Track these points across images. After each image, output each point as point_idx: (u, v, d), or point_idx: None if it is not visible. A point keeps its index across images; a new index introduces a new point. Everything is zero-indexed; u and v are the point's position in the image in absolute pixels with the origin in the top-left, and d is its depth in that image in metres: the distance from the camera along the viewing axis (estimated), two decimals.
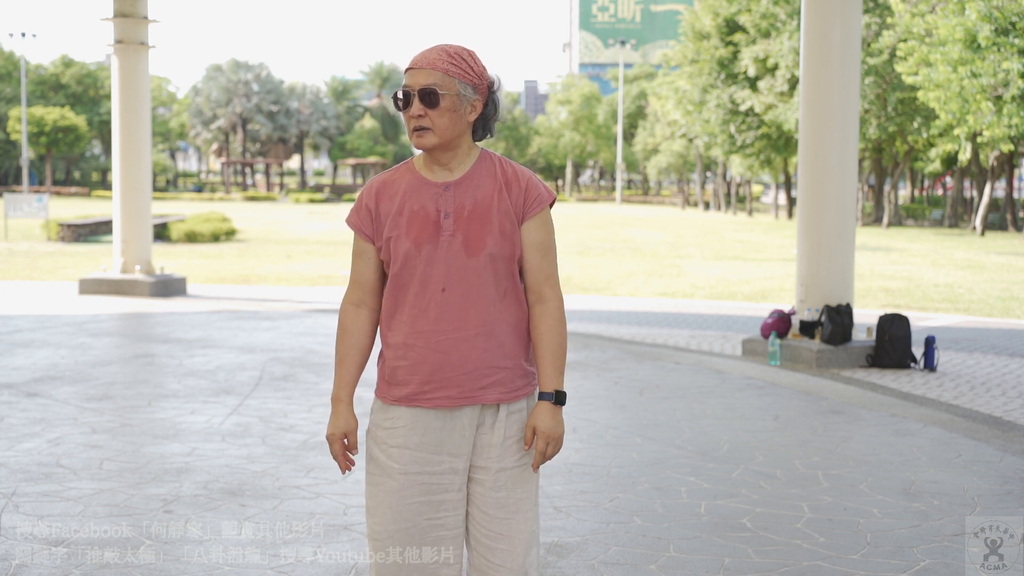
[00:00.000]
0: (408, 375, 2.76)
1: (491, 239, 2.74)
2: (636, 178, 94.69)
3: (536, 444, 2.77)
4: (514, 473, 2.81)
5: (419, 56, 2.74)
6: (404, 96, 2.73)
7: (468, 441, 2.79)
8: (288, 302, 14.10)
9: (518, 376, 2.80)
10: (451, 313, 2.73)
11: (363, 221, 2.81)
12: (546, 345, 2.79)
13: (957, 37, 27.69)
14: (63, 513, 4.88)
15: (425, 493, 2.77)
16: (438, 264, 2.73)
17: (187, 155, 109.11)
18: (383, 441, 2.80)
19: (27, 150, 60.11)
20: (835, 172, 9.56)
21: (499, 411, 2.80)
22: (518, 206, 2.79)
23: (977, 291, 17.00)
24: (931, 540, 4.71)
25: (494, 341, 2.76)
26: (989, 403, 7.93)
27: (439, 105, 2.70)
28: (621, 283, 17.87)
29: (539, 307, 2.82)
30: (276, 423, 6.78)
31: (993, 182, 39.11)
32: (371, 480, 2.83)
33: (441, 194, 2.77)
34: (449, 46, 2.75)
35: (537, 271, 2.81)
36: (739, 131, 43.52)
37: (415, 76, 2.72)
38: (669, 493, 5.35)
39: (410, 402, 2.77)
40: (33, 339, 10.21)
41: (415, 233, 2.74)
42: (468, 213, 2.75)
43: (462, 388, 2.75)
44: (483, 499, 2.80)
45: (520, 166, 2.85)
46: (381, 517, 2.78)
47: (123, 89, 14.09)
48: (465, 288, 2.74)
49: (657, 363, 9.36)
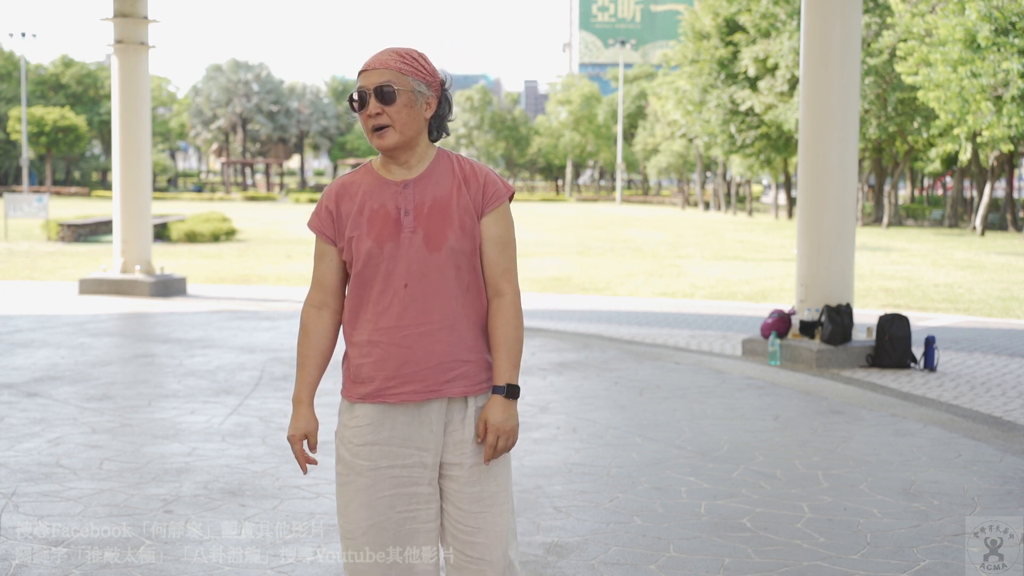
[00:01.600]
0: (373, 372, 2.78)
1: (452, 234, 2.77)
2: (636, 178, 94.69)
3: (487, 438, 2.79)
4: (487, 466, 2.83)
5: (370, 59, 2.79)
6: (360, 97, 2.77)
7: (437, 436, 2.81)
8: (288, 302, 14.10)
9: (482, 369, 2.83)
10: (414, 309, 2.76)
11: (324, 223, 2.85)
12: (501, 339, 2.81)
13: (957, 37, 27.69)
14: (63, 513, 4.88)
15: (396, 486, 2.79)
16: (400, 261, 2.76)
17: (187, 155, 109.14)
18: (350, 440, 2.82)
19: (27, 150, 60.13)
20: (835, 172, 9.56)
21: (467, 406, 2.82)
22: (477, 201, 2.82)
23: (977, 291, 17.00)
24: (931, 540, 4.71)
25: (457, 335, 2.79)
26: (989, 403, 7.93)
27: (396, 101, 2.74)
28: (621, 283, 17.87)
29: (496, 301, 2.84)
30: (276, 423, 6.78)
31: (993, 182, 39.11)
32: (340, 480, 2.85)
33: (400, 192, 2.80)
34: (398, 47, 2.80)
35: (495, 265, 2.84)
36: (739, 131, 43.53)
37: (368, 77, 2.76)
38: (669, 493, 5.35)
39: (375, 398, 2.79)
40: (33, 339, 10.22)
41: (376, 231, 2.77)
42: (428, 209, 2.78)
43: (427, 382, 2.77)
44: (458, 495, 2.81)
45: (477, 162, 2.88)
46: (354, 515, 2.80)
47: (123, 89, 14.09)
48: (427, 284, 2.77)
49: (657, 363, 9.36)
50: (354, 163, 77.24)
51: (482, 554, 2.81)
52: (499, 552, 2.83)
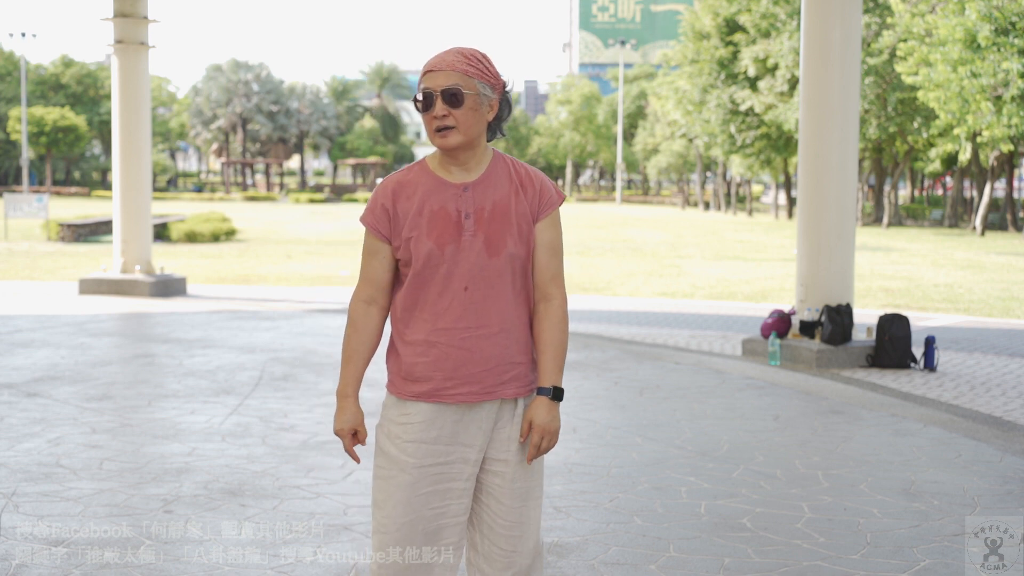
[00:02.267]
0: (430, 371, 2.82)
1: (511, 240, 2.82)
2: (636, 178, 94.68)
3: (531, 438, 2.85)
4: (531, 463, 2.91)
5: (436, 59, 2.80)
6: (426, 97, 2.77)
7: (484, 434, 2.86)
8: (288, 302, 14.10)
9: (532, 370, 2.91)
10: (473, 311, 2.81)
11: (379, 220, 2.85)
12: (548, 341, 2.87)
13: (957, 37, 27.68)
14: (63, 513, 4.88)
15: (434, 483, 2.84)
16: (461, 264, 2.80)
17: (187, 155, 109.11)
18: (397, 436, 2.85)
19: (27, 150, 60.12)
20: (835, 172, 9.56)
21: (517, 405, 2.89)
22: (533, 207, 2.87)
23: (977, 291, 17.00)
24: (931, 540, 4.71)
25: (512, 338, 2.85)
26: (989, 403, 7.93)
27: (463, 104, 2.76)
28: (621, 283, 17.87)
29: (544, 305, 2.90)
30: (276, 423, 6.78)
31: (993, 182, 39.10)
32: (381, 474, 2.88)
33: (461, 195, 2.83)
34: (464, 48, 2.82)
35: (545, 269, 2.89)
36: (739, 131, 43.52)
37: (435, 78, 2.77)
38: (669, 493, 5.35)
39: (430, 398, 2.83)
40: (33, 339, 10.22)
41: (437, 233, 2.80)
42: (488, 214, 2.82)
43: (483, 384, 2.82)
44: (501, 490, 2.88)
45: (531, 167, 2.93)
46: (391, 510, 2.83)
47: (123, 89, 14.09)
48: (487, 287, 2.81)
49: (657, 363, 9.36)
50: (354, 163, 77.22)
51: (515, 546, 2.90)
52: (531, 544, 2.92)
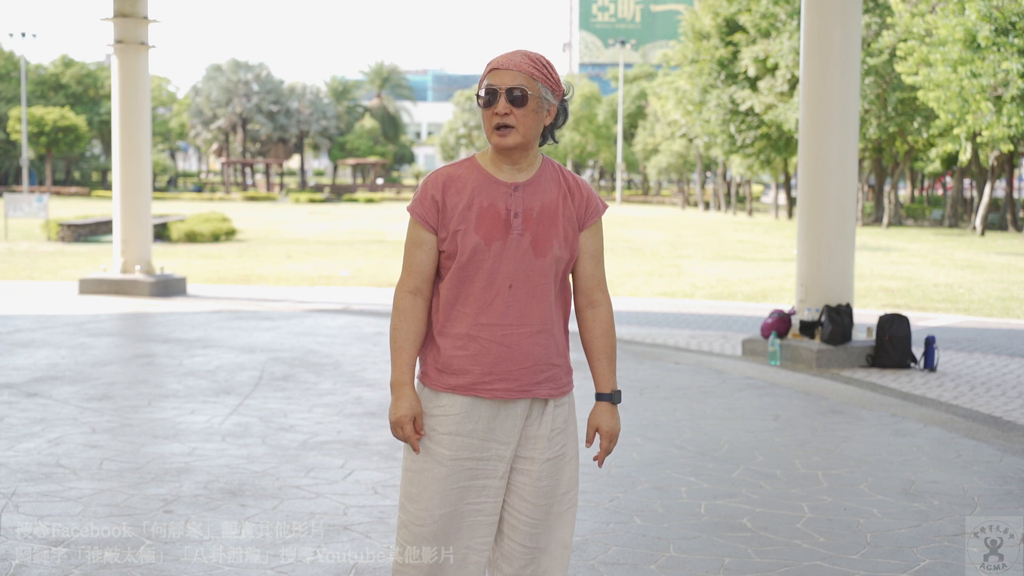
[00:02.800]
0: (468, 365, 2.84)
1: (557, 242, 2.87)
2: (636, 178, 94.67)
3: (600, 443, 2.95)
4: (557, 462, 2.94)
5: (503, 58, 2.85)
6: (489, 93, 2.82)
7: (518, 431, 2.90)
8: (288, 302, 14.11)
9: (565, 373, 2.95)
10: (516, 309, 2.85)
11: (428, 211, 2.87)
12: (602, 348, 2.97)
13: (957, 37, 27.68)
14: (63, 513, 4.88)
15: (470, 478, 2.86)
16: (506, 261, 2.83)
17: (187, 155, 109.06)
18: (432, 428, 2.87)
19: (27, 150, 60.09)
20: (835, 172, 9.56)
21: (547, 405, 2.92)
22: (580, 214, 2.93)
23: (977, 291, 17.00)
24: (931, 540, 4.71)
25: (551, 339, 2.90)
26: (989, 403, 7.93)
27: (526, 105, 2.81)
28: (621, 283, 17.88)
29: (591, 311, 2.99)
30: (276, 423, 6.78)
31: (993, 182, 39.10)
32: (414, 467, 2.89)
33: (511, 194, 2.87)
34: (530, 51, 2.87)
35: (591, 276, 2.97)
36: (739, 131, 43.50)
37: (501, 76, 2.82)
38: (669, 493, 5.35)
39: (467, 391, 2.85)
40: (33, 339, 10.21)
41: (485, 229, 2.83)
42: (536, 215, 2.86)
43: (520, 381, 2.86)
44: (526, 488, 2.91)
45: (578, 175, 2.99)
46: (426, 503, 2.85)
47: (123, 89, 14.09)
48: (530, 287, 2.85)
49: (657, 363, 9.36)
50: (354, 163, 77.17)
51: (538, 543, 2.92)
52: (557, 543, 2.95)
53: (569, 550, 2.99)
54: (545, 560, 2.93)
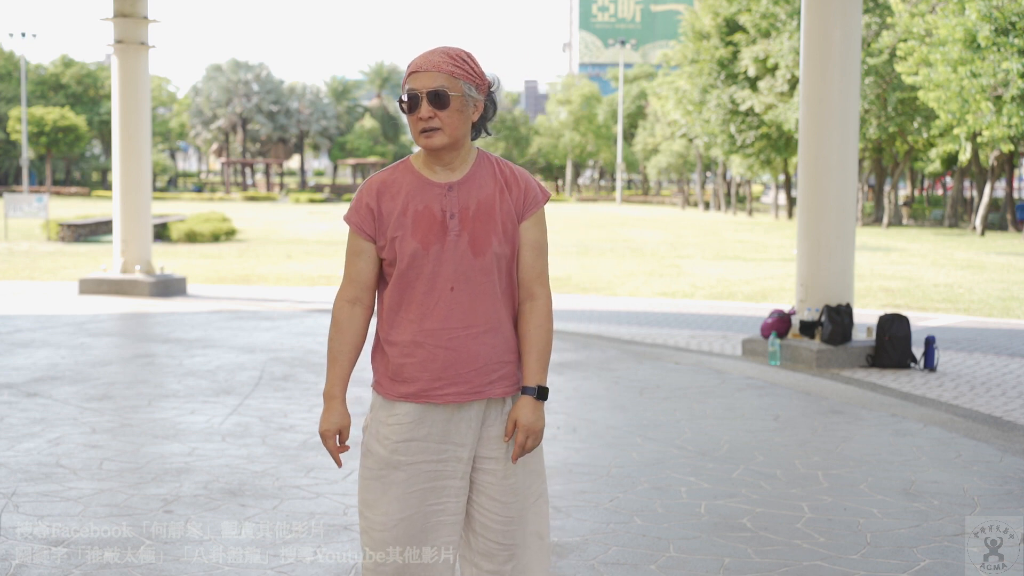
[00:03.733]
0: (417, 372, 2.81)
1: (496, 239, 2.81)
2: (636, 178, 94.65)
3: (516, 437, 2.85)
4: (523, 459, 2.90)
5: (421, 59, 2.79)
6: (411, 99, 2.77)
7: (474, 432, 2.86)
8: (288, 302, 14.10)
9: (519, 369, 2.90)
10: (460, 311, 2.80)
11: (363, 220, 2.84)
12: (533, 341, 2.87)
13: (957, 37, 27.68)
14: (63, 513, 4.88)
15: (429, 480, 2.83)
16: (446, 264, 2.79)
17: (187, 155, 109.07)
18: (387, 437, 2.84)
19: (27, 150, 60.08)
20: (835, 172, 9.56)
21: (505, 404, 2.89)
22: (518, 206, 2.87)
23: (977, 291, 17.00)
24: (931, 540, 4.71)
25: (500, 337, 2.85)
26: (989, 403, 7.93)
27: (449, 106, 2.75)
28: (621, 283, 17.87)
29: (529, 304, 2.90)
30: (276, 423, 6.78)
31: (993, 182, 39.10)
32: (371, 475, 2.86)
33: (445, 195, 2.82)
34: (449, 48, 2.81)
35: (530, 269, 2.89)
36: (739, 131, 43.51)
37: (421, 79, 2.77)
38: (669, 493, 5.35)
39: (419, 398, 2.82)
40: (33, 339, 10.21)
41: (422, 233, 2.79)
42: (473, 213, 2.81)
43: (472, 384, 2.82)
44: (493, 487, 2.88)
45: (516, 166, 2.92)
46: (385, 507, 2.83)
47: (123, 89, 14.09)
48: (472, 287, 2.80)
49: (657, 363, 9.36)
50: (354, 163, 77.19)
51: (513, 539, 2.89)
52: (532, 536, 2.91)
53: (546, 540, 2.95)
54: (525, 555, 2.90)
